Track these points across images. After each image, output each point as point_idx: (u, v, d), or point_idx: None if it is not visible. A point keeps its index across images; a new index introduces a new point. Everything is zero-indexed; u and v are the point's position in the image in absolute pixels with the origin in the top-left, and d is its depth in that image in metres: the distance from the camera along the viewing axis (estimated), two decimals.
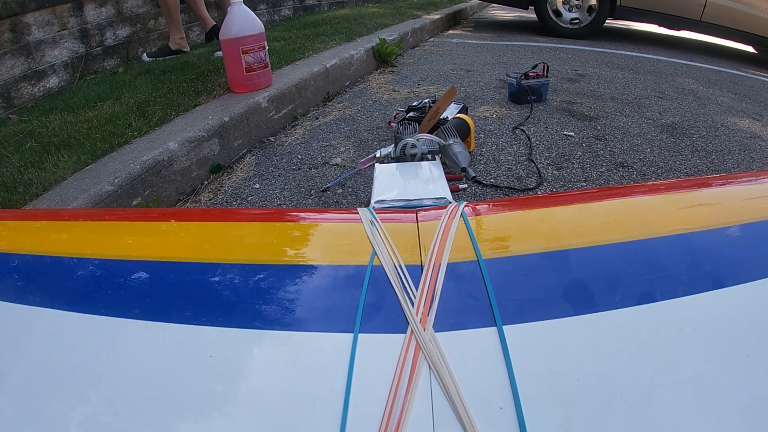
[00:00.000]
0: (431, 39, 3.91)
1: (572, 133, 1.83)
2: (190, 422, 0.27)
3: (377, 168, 0.71)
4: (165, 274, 0.37)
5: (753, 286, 0.32)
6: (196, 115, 1.61)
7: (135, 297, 0.34)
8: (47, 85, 2.12)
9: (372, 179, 0.68)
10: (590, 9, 3.87)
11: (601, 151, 1.68)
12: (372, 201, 0.60)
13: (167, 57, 2.44)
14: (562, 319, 0.30)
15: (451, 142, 0.81)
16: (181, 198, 1.43)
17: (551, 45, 3.61)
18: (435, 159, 0.80)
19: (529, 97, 2.07)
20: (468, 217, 0.41)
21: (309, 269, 0.37)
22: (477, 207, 0.44)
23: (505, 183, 1.44)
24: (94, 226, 0.48)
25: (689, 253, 0.36)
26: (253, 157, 1.67)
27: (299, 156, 1.67)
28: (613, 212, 0.44)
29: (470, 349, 0.29)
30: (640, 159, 1.63)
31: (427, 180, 0.66)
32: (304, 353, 0.30)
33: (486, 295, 0.32)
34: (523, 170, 1.53)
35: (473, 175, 0.82)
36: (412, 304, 0.32)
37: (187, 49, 2.54)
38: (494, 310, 0.31)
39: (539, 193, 1.41)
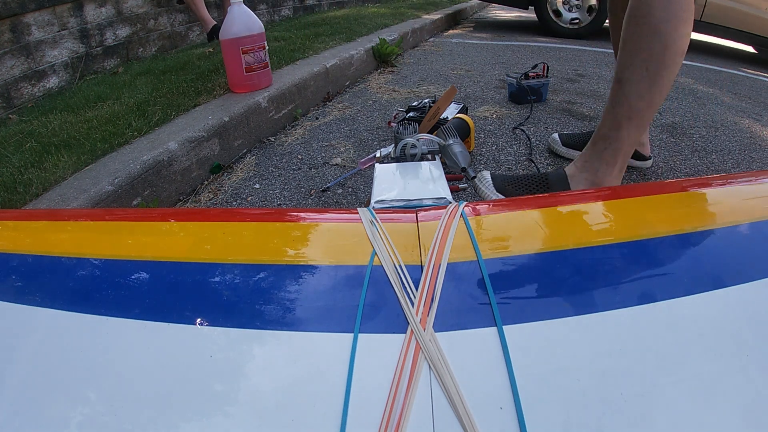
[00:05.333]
0: (431, 39, 3.91)
1: None
2: (190, 422, 0.27)
3: (377, 168, 0.71)
4: (165, 274, 0.37)
5: (753, 286, 0.32)
6: (196, 115, 1.61)
7: (135, 297, 0.34)
8: (47, 85, 2.12)
9: (372, 179, 0.68)
10: (590, 9, 3.87)
11: None
12: (372, 201, 0.60)
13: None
14: (562, 319, 0.30)
15: (451, 142, 0.81)
16: (181, 198, 1.43)
17: (551, 45, 3.61)
18: (435, 159, 0.80)
19: (529, 97, 2.07)
20: (468, 217, 0.41)
21: (309, 269, 0.37)
22: (477, 207, 0.44)
23: None
24: (94, 226, 0.48)
25: (689, 253, 0.36)
26: (253, 157, 1.67)
27: (299, 156, 1.66)
28: (613, 212, 0.44)
29: (470, 349, 0.29)
30: None
31: (427, 180, 0.66)
32: (304, 353, 0.30)
33: (486, 295, 0.32)
34: (523, 170, 1.53)
35: (473, 175, 0.82)
36: (412, 304, 0.32)
37: None
38: (494, 310, 0.31)
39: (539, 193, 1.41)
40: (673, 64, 0.94)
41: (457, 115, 1.58)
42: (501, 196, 1.05)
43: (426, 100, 1.79)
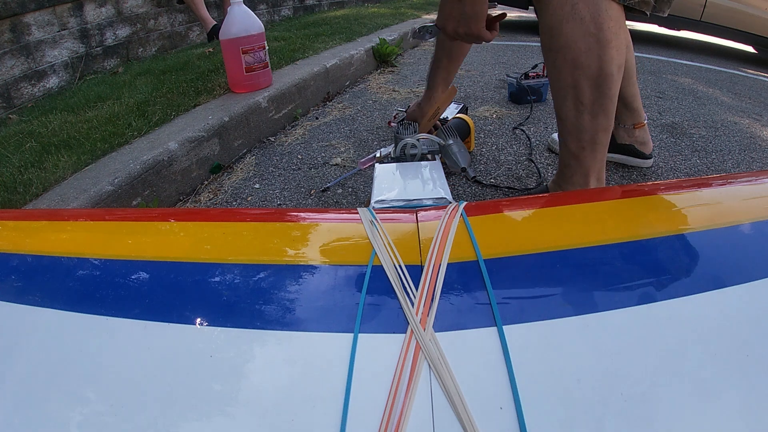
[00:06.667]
0: (432, 39, 3.91)
1: None
2: (190, 422, 0.27)
3: (377, 168, 0.71)
4: (165, 274, 0.37)
5: (753, 286, 0.32)
6: (196, 115, 1.61)
7: (135, 297, 0.34)
8: (47, 85, 2.12)
9: (372, 179, 0.68)
10: None
11: None
12: (372, 201, 0.60)
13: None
14: (562, 319, 0.30)
15: (450, 142, 0.81)
16: (181, 198, 1.43)
17: None
18: (435, 159, 0.80)
19: (529, 97, 2.07)
20: (468, 217, 0.41)
21: (309, 269, 0.37)
22: (477, 207, 0.44)
23: (505, 183, 1.44)
24: (94, 226, 0.48)
25: (689, 253, 0.36)
26: (253, 157, 1.67)
27: (299, 156, 1.66)
28: (613, 212, 0.44)
29: (470, 349, 0.29)
30: None
31: (427, 180, 0.66)
32: (304, 353, 0.30)
33: (486, 295, 0.32)
34: (523, 170, 1.53)
35: (473, 175, 0.82)
36: (412, 304, 0.32)
37: None
38: (494, 310, 0.31)
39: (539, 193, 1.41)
40: (609, 87, 0.82)
41: (457, 115, 1.58)
42: None
43: None
